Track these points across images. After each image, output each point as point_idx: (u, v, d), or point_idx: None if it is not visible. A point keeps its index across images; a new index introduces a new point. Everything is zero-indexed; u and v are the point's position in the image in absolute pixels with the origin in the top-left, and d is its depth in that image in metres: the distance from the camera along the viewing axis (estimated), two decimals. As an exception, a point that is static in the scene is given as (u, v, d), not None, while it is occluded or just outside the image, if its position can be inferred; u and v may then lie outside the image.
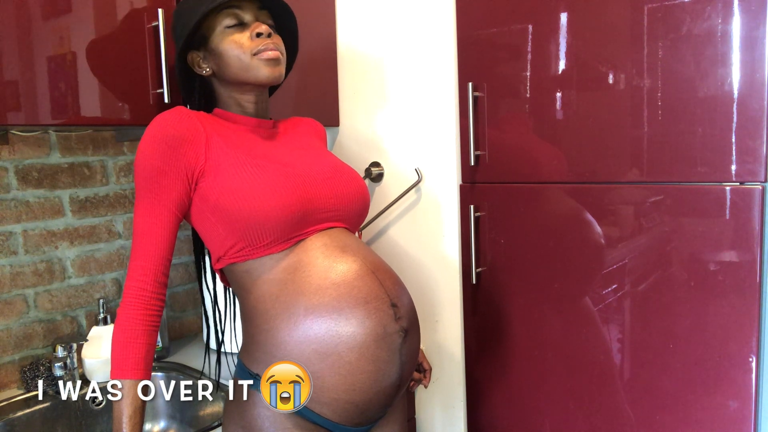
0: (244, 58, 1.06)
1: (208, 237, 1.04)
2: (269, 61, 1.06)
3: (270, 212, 0.97)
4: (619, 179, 1.25)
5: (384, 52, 1.56)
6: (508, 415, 1.47)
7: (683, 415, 1.22)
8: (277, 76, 1.08)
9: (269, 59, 1.05)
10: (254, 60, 1.05)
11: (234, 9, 1.07)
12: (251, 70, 1.06)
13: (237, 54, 1.06)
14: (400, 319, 1.01)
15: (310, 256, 1.00)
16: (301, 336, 0.96)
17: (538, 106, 1.34)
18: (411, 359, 1.04)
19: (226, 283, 1.12)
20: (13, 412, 1.30)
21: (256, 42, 1.05)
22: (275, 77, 1.07)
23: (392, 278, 1.05)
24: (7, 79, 1.05)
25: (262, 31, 1.05)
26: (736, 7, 1.10)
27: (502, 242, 1.42)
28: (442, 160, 1.48)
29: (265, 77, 1.07)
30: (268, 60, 1.05)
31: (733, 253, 1.15)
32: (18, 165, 1.40)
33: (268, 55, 1.05)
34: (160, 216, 0.99)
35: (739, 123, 1.11)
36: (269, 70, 1.06)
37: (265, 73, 1.06)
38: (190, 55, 1.11)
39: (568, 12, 1.27)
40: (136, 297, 0.98)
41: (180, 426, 1.49)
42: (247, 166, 1.01)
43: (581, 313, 1.33)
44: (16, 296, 1.41)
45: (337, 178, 1.09)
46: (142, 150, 1.00)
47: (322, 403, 0.97)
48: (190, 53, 1.11)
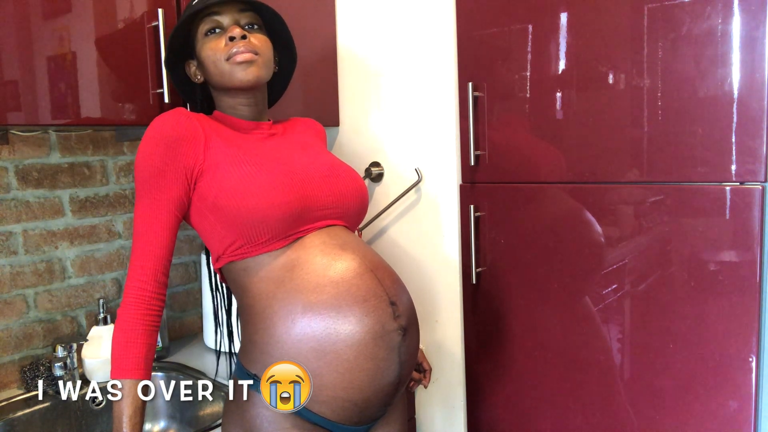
0: (219, 64, 1.06)
1: (208, 236, 1.04)
2: (242, 64, 1.05)
3: (268, 209, 0.98)
4: (619, 179, 1.25)
5: (384, 52, 1.56)
6: (508, 415, 1.47)
7: (683, 415, 1.22)
8: (252, 78, 1.06)
9: (241, 62, 1.05)
10: (227, 65, 1.06)
11: (213, 15, 1.08)
12: (226, 75, 1.06)
13: (213, 60, 1.07)
14: (399, 317, 1.01)
15: (309, 254, 1.00)
16: (299, 334, 0.96)
17: (538, 106, 1.34)
18: (410, 358, 1.04)
19: (225, 283, 1.12)
20: (13, 412, 1.30)
21: (229, 46, 1.05)
22: (249, 79, 1.06)
23: (391, 277, 1.05)
24: (7, 79, 1.05)
25: (234, 35, 1.05)
26: (736, 7, 1.10)
27: (502, 242, 1.42)
28: (442, 160, 1.48)
29: (239, 81, 1.06)
30: (240, 63, 1.05)
31: (733, 253, 1.15)
32: (18, 165, 1.40)
33: (239, 58, 1.05)
34: (160, 216, 0.99)
35: (739, 123, 1.11)
36: (243, 73, 1.05)
37: (239, 76, 1.06)
38: (187, 65, 1.14)
39: (568, 12, 1.27)
40: (137, 297, 0.98)
41: (180, 426, 1.49)
42: (245, 164, 1.01)
43: (581, 313, 1.33)
44: (16, 296, 1.41)
45: (335, 177, 1.09)
46: (142, 150, 1.01)
47: (321, 402, 0.97)
48: (187, 63, 1.14)
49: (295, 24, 1.19)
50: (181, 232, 1.74)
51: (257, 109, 1.14)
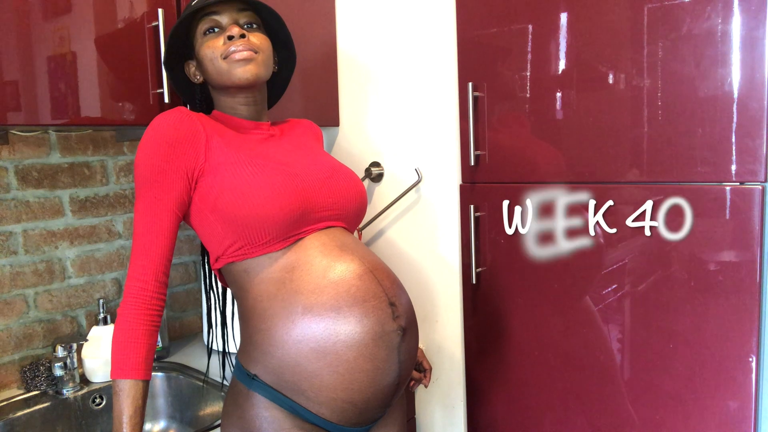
0: (217, 63, 1.06)
1: (207, 236, 1.04)
2: (239, 62, 1.05)
3: (269, 211, 0.97)
4: (619, 179, 1.25)
5: (384, 52, 1.56)
6: (508, 415, 1.47)
7: (683, 415, 1.22)
8: (251, 76, 1.06)
9: (239, 60, 1.05)
10: (225, 63, 1.05)
11: (212, 15, 1.08)
12: (224, 74, 1.06)
13: (211, 59, 1.07)
14: (399, 318, 1.01)
15: (309, 255, 1.00)
16: (299, 335, 0.96)
17: (538, 106, 1.34)
18: (409, 358, 1.04)
19: (225, 283, 1.12)
20: (13, 412, 1.30)
21: (228, 44, 1.05)
22: (248, 77, 1.06)
23: (390, 278, 1.05)
24: (7, 79, 1.05)
25: (233, 34, 1.05)
26: (736, 7, 1.10)
27: (502, 242, 1.42)
28: (442, 160, 1.48)
29: (238, 79, 1.06)
30: (238, 61, 1.05)
31: (733, 253, 1.15)
32: (18, 165, 1.40)
33: (237, 56, 1.04)
34: (160, 215, 0.99)
35: (739, 123, 1.12)
36: (241, 70, 1.05)
37: (237, 74, 1.05)
38: (186, 65, 1.15)
39: (568, 12, 1.27)
40: (137, 297, 0.98)
41: (180, 426, 1.49)
42: (246, 165, 1.01)
43: (581, 313, 1.33)
44: (16, 296, 1.41)
45: (335, 178, 1.09)
46: (143, 149, 1.00)
47: (321, 403, 0.97)
48: (187, 63, 1.14)
49: (295, 24, 1.19)
50: (181, 232, 1.74)
51: (256, 109, 1.13)
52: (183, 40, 1.12)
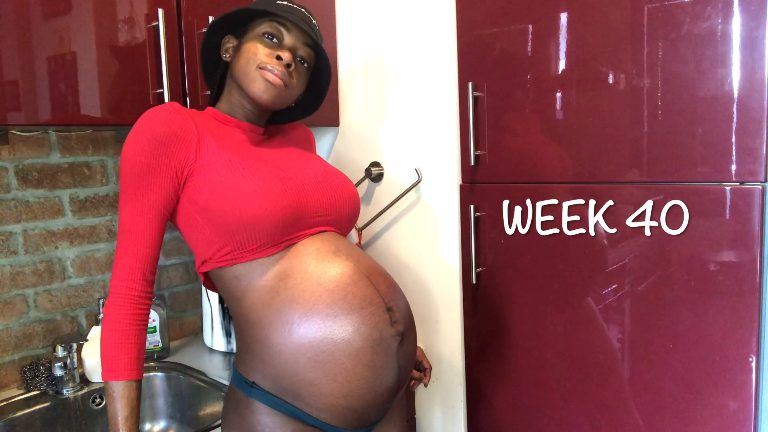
0: (251, 64, 1.04)
1: (193, 238, 1.01)
2: (267, 81, 1.03)
3: (262, 215, 0.95)
4: (619, 179, 1.25)
5: (384, 52, 1.56)
6: (508, 415, 1.47)
7: (683, 415, 1.22)
8: (266, 99, 1.04)
9: (267, 80, 1.03)
10: (255, 71, 1.03)
11: (282, 27, 1.06)
12: (248, 78, 1.04)
13: (247, 58, 1.04)
14: (396, 323, 1.00)
15: (302, 262, 0.99)
16: (296, 344, 0.95)
17: (538, 106, 1.34)
18: (408, 362, 1.03)
19: (211, 288, 1.10)
20: (13, 412, 1.30)
21: (272, 60, 1.03)
22: (264, 98, 1.04)
23: (387, 281, 1.03)
24: (7, 79, 1.05)
25: (284, 58, 1.03)
26: (736, 7, 1.10)
27: (502, 242, 1.42)
28: (442, 160, 1.48)
29: (253, 92, 1.04)
30: (266, 80, 1.03)
31: (733, 253, 1.15)
32: (18, 165, 1.40)
33: (268, 76, 1.03)
34: (147, 214, 0.97)
35: (739, 123, 1.11)
36: (262, 87, 1.03)
37: (257, 88, 1.03)
38: (226, 37, 1.11)
39: (568, 12, 1.27)
40: (125, 296, 0.96)
41: (180, 426, 1.49)
42: (238, 167, 0.99)
43: (581, 313, 1.33)
44: (16, 296, 1.41)
45: (328, 183, 1.08)
46: (131, 145, 0.97)
47: (320, 409, 0.97)
48: (228, 37, 1.11)
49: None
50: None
51: (257, 117, 1.12)
52: (241, 20, 1.09)
